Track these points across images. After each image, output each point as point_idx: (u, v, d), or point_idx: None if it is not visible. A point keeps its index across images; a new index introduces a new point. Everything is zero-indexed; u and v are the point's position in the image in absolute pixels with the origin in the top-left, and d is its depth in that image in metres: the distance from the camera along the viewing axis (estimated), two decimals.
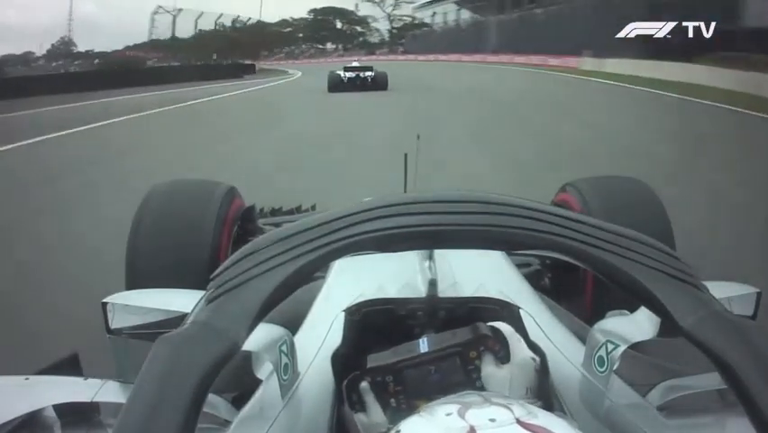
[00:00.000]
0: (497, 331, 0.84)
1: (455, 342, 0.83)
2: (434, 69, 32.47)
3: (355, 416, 0.77)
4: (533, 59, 30.63)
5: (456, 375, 0.81)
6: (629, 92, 15.09)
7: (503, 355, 0.82)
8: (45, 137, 8.61)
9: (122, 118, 11.22)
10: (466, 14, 54.32)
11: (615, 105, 12.30)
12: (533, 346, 0.88)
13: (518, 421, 0.44)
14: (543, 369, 0.83)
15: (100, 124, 10.41)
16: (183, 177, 2.14)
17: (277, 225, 2.25)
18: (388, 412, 0.79)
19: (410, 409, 0.81)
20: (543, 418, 0.46)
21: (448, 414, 0.47)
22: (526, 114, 10.81)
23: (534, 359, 0.81)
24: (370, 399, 0.79)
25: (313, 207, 3.12)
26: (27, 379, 0.74)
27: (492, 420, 0.45)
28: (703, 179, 5.09)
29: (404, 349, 0.84)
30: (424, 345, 0.83)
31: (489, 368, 0.80)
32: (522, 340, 0.82)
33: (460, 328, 0.84)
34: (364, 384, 0.79)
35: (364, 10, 71.31)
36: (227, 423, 0.71)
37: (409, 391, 0.82)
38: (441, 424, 0.46)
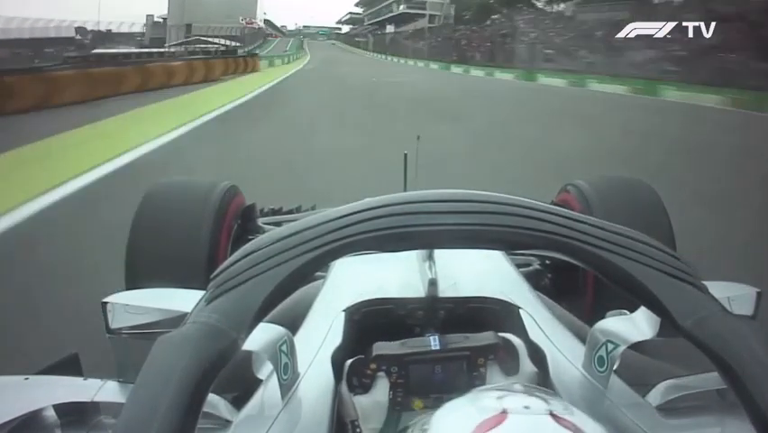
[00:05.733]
0: (508, 342, 0.84)
1: (466, 345, 0.83)
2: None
3: (354, 398, 0.77)
4: None
5: (460, 379, 0.81)
6: None
7: (511, 367, 0.82)
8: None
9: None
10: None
11: None
12: (533, 346, 0.88)
13: (551, 414, 0.45)
14: (543, 369, 0.83)
15: None
16: (184, 175, 2.13)
17: (277, 224, 2.25)
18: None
19: (406, 404, 0.82)
20: (578, 417, 0.46)
21: (489, 397, 0.48)
22: None
23: (538, 374, 0.81)
24: (375, 383, 0.80)
25: (313, 208, 3.12)
26: (27, 379, 0.74)
27: (527, 408, 0.46)
28: None
29: (414, 343, 0.84)
30: (435, 342, 0.84)
31: (494, 377, 0.80)
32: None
33: (473, 334, 0.85)
34: (370, 369, 0.80)
35: None
36: (227, 423, 0.71)
37: (410, 386, 0.82)
38: (478, 404, 0.47)
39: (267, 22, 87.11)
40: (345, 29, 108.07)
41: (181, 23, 53.97)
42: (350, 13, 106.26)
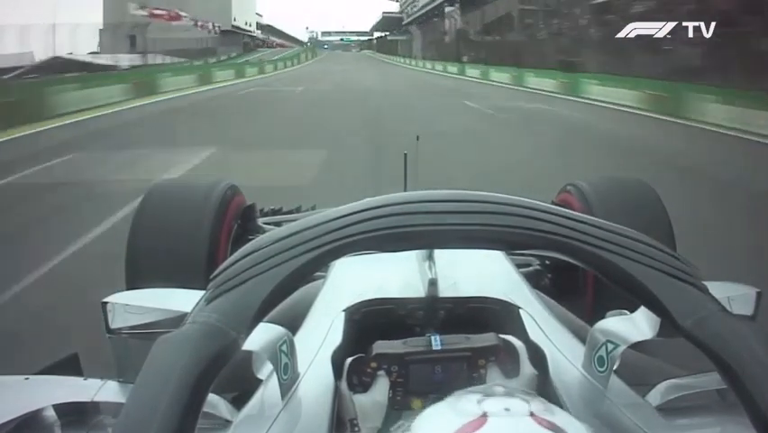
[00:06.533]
0: (509, 344, 0.84)
1: (467, 346, 0.83)
2: None
3: (354, 396, 0.77)
4: None
5: (460, 379, 0.81)
6: None
7: (511, 369, 0.82)
8: None
9: None
10: None
11: None
12: (533, 346, 0.88)
13: (532, 415, 0.44)
14: (543, 369, 0.83)
15: None
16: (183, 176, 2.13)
17: (277, 224, 2.25)
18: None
19: (405, 403, 0.83)
20: (559, 417, 0.45)
21: (469, 400, 0.48)
22: None
23: (538, 376, 0.81)
24: (375, 382, 0.80)
25: (313, 208, 3.12)
26: (27, 379, 0.74)
27: (507, 410, 0.45)
28: None
29: (415, 343, 0.84)
30: (436, 342, 0.84)
31: (494, 379, 0.80)
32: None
33: (474, 335, 0.85)
34: (370, 368, 0.80)
35: None
36: (227, 423, 0.71)
37: (410, 385, 0.83)
38: (458, 408, 0.46)
39: (262, 27, 73.47)
40: (378, 35, 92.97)
41: (120, 20, 37.43)
42: (383, 12, 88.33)
